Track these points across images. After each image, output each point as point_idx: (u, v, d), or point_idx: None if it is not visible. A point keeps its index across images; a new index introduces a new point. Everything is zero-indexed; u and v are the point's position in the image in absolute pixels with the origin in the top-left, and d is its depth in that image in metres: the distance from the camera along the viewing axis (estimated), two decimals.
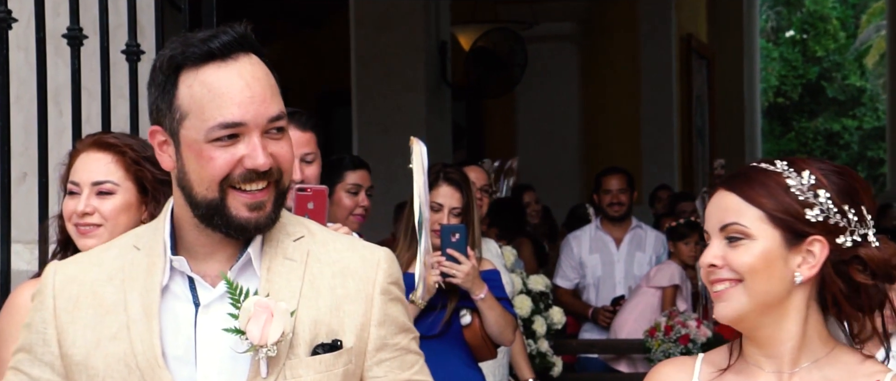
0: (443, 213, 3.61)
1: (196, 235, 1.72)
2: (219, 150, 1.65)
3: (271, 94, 1.69)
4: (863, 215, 1.65)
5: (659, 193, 7.59)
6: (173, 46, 1.69)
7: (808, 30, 22.70)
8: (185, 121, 1.66)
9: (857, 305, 1.64)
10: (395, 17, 8.12)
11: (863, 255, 1.62)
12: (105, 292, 1.73)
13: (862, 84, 22.69)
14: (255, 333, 1.65)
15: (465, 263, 3.48)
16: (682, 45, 11.35)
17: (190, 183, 1.68)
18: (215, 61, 1.65)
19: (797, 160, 1.68)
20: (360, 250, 1.80)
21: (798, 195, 1.63)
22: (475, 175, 4.37)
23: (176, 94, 1.66)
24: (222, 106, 1.64)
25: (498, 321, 3.58)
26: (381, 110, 8.05)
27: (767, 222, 1.63)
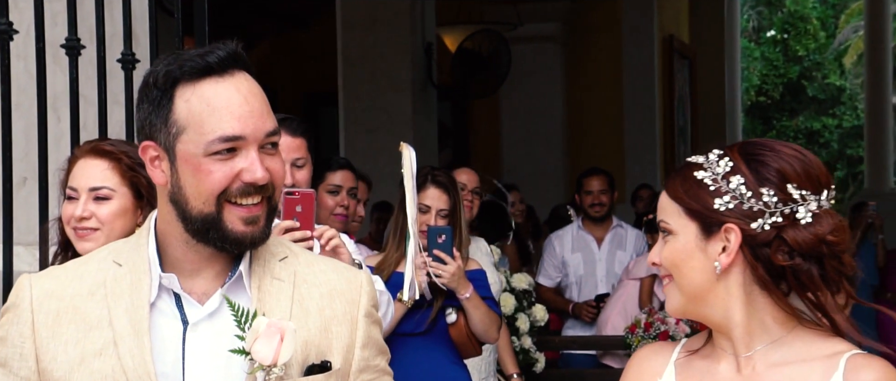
0: (430, 214, 3.71)
1: (184, 251, 1.71)
2: (217, 163, 1.65)
3: (267, 110, 1.70)
4: (787, 194, 1.60)
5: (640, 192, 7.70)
6: (167, 62, 1.67)
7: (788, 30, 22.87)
8: (182, 135, 1.65)
9: (797, 285, 1.61)
10: (381, 19, 8.20)
11: (785, 236, 1.59)
12: (88, 308, 1.70)
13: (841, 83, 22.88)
14: (267, 353, 1.64)
15: (451, 263, 3.58)
16: (664, 46, 11.44)
17: (185, 198, 1.67)
18: (213, 76, 1.65)
19: (740, 146, 1.66)
20: (344, 272, 1.82)
21: (710, 186, 1.62)
22: (467, 177, 4.46)
23: (172, 108, 1.65)
24: (222, 120, 1.64)
25: (483, 320, 3.69)
26: (367, 111, 8.13)
27: (685, 215, 1.64)
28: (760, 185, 1.60)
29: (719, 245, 1.61)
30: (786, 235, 1.59)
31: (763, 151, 1.63)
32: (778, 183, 1.60)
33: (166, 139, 1.66)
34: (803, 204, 1.60)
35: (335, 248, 2.89)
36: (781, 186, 1.60)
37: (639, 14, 10.91)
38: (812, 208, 1.61)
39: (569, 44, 10.84)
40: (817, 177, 1.62)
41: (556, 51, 10.79)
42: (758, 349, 1.63)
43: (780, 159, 1.62)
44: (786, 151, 1.63)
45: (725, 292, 1.62)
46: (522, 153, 10.61)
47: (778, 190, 1.60)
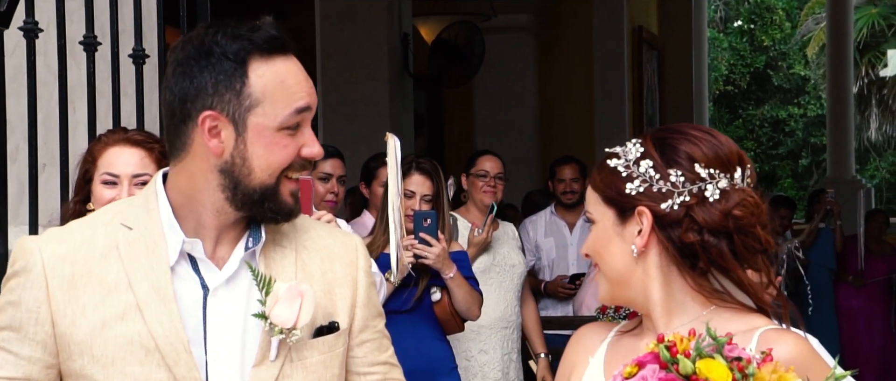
0: (415, 199, 3.96)
1: (211, 218, 1.72)
2: (287, 138, 1.69)
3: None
4: (695, 174, 1.62)
5: None
6: (231, 34, 1.69)
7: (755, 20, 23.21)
8: (256, 108, 1.67)
9: (709, 262, 1.63)
10: (358, 11, 8.39)
11: (693, 214, 1.61)
12: (103, 271, 1.70)
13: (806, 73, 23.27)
14: (288, 316, 1.68)
15: (436, 245, 3.84)
16: (633, 37, 11.66)
17: (249, 169, 1.69)
18: (282, 54, 1.70)
19: (653, 132, 1.70)
20: (339, 236, 1.87)
21: (622, 172, 1.65)
22: (491, 164, 4.72)
23: (246, 81, 1.67)
24: (296, 95, 1.69)
25: (465, 298, 3.95)
26: (345, 100, 8.32)
27: (602, 203, 1.68)
28: (668, 166, 1.62)
29: (635, 229, 1.63)
30: (694, 213, 1.61)
31: (673, 135, 1.66)
32: (686, 164, 1.62)
33: (236, 111, 1.67)
34: (711, 182, 1.62)
35: None
36: (689, 167, 1.62)
37: (609, 5, 11.12)
38: (721, 186, 1.62)
39: (541, 34, 11.02)
40: (727, 157, 1.63)
41: (529, 41, 10.98)
42: (676, 326, 1.62)
43: (687, 141, 1.64)
44: (694, 134, 1.65)
45: (644, 274, 1.64)
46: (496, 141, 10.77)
47: (686, 171, 1.62)
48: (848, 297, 8.53)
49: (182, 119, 1.70)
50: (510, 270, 4.61)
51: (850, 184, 12.44)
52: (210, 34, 1.69)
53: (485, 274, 4.57)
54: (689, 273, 1.63)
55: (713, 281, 1.64)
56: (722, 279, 1.64)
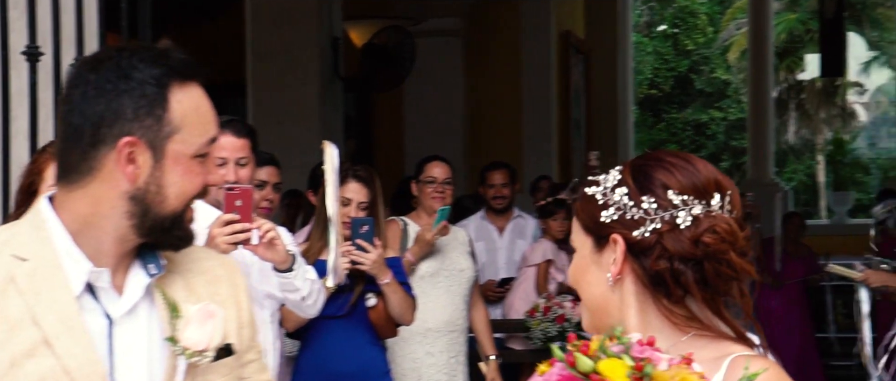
0: (351, 206, 4.03)
1: (112, 246, 1.68)
2: (200, 166, 1.70)
3: None
4: (667, 201, 1.60)
5: (540, 183, 8.09)
6: (146, 57, 1.67)
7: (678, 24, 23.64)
8: (175, 135, 1.66)
9: (680, 290, 1.61)
10: (289, 13, 8.41)
11: (664, 242, 1.59)
12: (4, 307, 1.64)
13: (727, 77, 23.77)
14: (200, 338, 1.68)
15: (372, 251, 3.92)
16: (560, 41, 11.80)
17: (163, 197, 1.67)
18: (195, 80, 1.69)
19: (632, 160, 1.69)
20: (217, 257, 1.87)
21: (599, 200, 1.64)
22: (439, 170, 4.81)
23: (168, 107, 1.65)
24: (209, 124, 1.70)
25: (400, 303, 4.04)
26: (276, 103, 8.33)
27: (581, 231, 1.67)
28: (642, 193, 1.61)
29: (611, 257, 1.62)
30: (664, 240, 1.59)
31: (649, 162, 1.65)
32: (659, 191, 1.61)
33: (156, 138, 1.65)
34: (684, 209, 1.60)
35: (271, 240, 3.20)
36: (663, 194, 1.61)
37: (536, 10, 11.25)
38: (695, 213, 1.60)
39: (469, 38, 11.10)
40: (703, 184, 1.61)
41: (458, 45, 11.05)
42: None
43: (662, 169, 1.63)
44: (671, 161, 1.64)
45: (620, 302, 1.62)
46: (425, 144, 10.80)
47: (659, 198, 1.61)
48: (766, 298, 8.76)
49: (93, 143, 1.65)
50: (459, 274, 4.72)
51: (769, 186, 12.76)
52: (126, 57, 1.67)
53: (433, 278, 4.68)
54: (663, 301, 1.61)
55: (693, 308, 1.62)
56: (701, 307, 1.61)
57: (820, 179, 22.76)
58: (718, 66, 23.73)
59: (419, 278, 4.64)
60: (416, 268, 4.63)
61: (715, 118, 23.55)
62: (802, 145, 23.10)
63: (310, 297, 3.39)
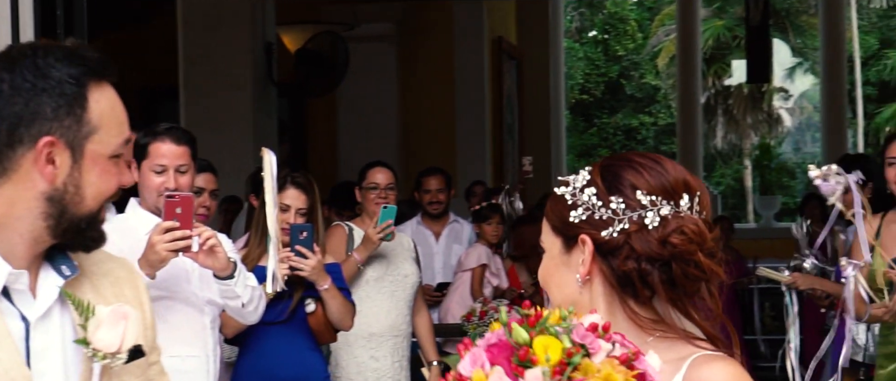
0: (290, 213, 4.05)
1: (27, 248, 1.66)
2: (115, 166, 1.68)
3: None
4: (635, 201, 1.59)
5: (475, 187, 8.15)
6: (61, 56, 1.64)
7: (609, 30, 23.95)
8: (94, 135, 1.64)
9: (647, 290, 1.60)
10: (222, 18, 8.37)
11: (632, 242, 1.59)
12: None
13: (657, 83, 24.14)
14: (112, 340, 1.65)
15: (311, 258, 3.94)
16: (493, 47, 11.89)
17: (81, 197, 1.65)
18: (109, 80, 1.68)
19: (602, 161, 1.68)
20: (117, 259, 1.83)
21: (568, 200, 1.63)
22: (382, 176, 4.82)
23: (87, 107, 1.63)
24: (123, 123, 1.68)
25: (339, 309, 4.07)
26: (209, 108, 8.27)
27: (551, 232, 1.66)
28: (610, 194, 1.60)
29: (579, 257, 1.61)
30: (632, 241, 1.58)
31: (618, 162, 1.65)
32: (628, 192, 1.60)
33: (75, 137, 1.63)
34: (653, 209, 1.59)
35: (212, 247, 3.21)
36: (631, 195, 1.59)
37: (469, 17, 11.33)
38: (663, 214, 1.59)
39: (403, 44, 11.16)
40: (672, 185, 1.60)
41: (392, 51, 11.09)
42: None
43: (631, 169, 1.62)
44: (640, 161, 1.64)
45: (590, 303, 1.61)
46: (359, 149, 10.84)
47: (627, 198, 1.59)
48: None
49: (9, 143, 1.62)
50: (403, 280, 4.76)
51: None
52: (41, 55, 1.63)
53: (378, 283, 4.71)
54: (630, 302, 1.60)
55: (660, 310, 1.61)
56: (669, 308, 1.61)
57: (747, 184, 23.21)
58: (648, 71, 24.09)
59: (364, 283, 4.68)
60: (364, 271, 4.65)
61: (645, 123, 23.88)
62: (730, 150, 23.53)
63: (250, 303, 3.41)
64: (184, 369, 3.31)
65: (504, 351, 1.31)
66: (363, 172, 4.93)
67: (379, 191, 4.76)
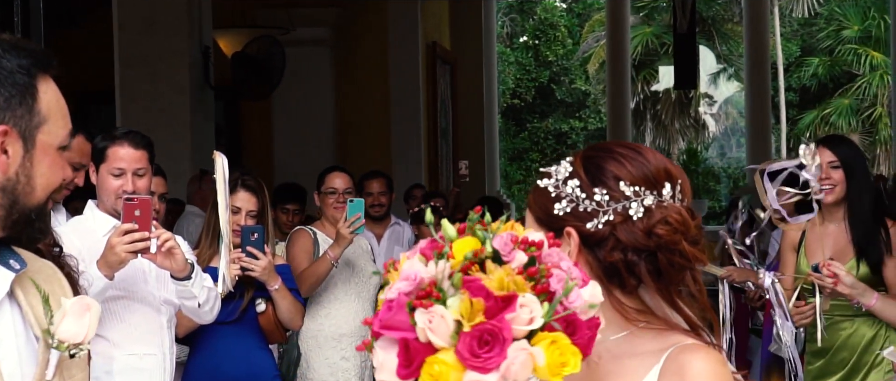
0: (241, 215, 4.14)
1: None
2: (62, 158, 1.68)
3: None
4: (619, 192, 1.61)
5: (414, 191, 8.28)
6: (8, 46, 1.64)
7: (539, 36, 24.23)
8: (43, 125, 1.64)
9: (634, 281, 1.61)
10: (158, 21, 8.37)
11: (617, 233, 1.60)
12: None
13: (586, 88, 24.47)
14: (77, 331, 1.66)
15: (262, 258, 4.04)
16: (427, 52, 12.02)
17: (31, 188, 1.64)
18: (51, 73, 1.68)
19: (583, 151, 1.69)
20: (40, 259, 1.81)
21: (551, 192, 1.63)
22: (340, 181, 4.91)
23: (37, 97, 1.63)
24: (67, 116, 1.69)
25: (289, 309, 4.17)
26: (145, 112, 8.25)
27: (535, 225, 1.65)
28: (594, 185, 1.61)
29: (565, 249, 1.60)
30: (617, 232, 1.59)
31: (599, 153, 1.66)
32: (611, 183, 1.61)
33: (27, 127, 1.63)
34: (636, 200, 1.60)
35: (170, 249, 3.29)
36: (614, 186, 1.61)
37: (404, 22, 11.43)
38: (647, 204, 1.61)
39: (339, 48, 11.22)
40: (654, 174, 1.62)
41: (327, 55, 11.14)
42: (608, 341, 1.60)
43: (613, 160, 1.63)
44: (621, 152, 1.65)
45: None
46: (295, 153, 10.90)
47: (611, 189, 1.61)
48: None
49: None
50: (368, 281, 4.89)
51: None
52: None
53: (345, 285, 4.84)
54: (616, 292, 1.61)
55: (646, 300, 1.63)
56: (654, 298, 1.63)
57: None
58: (578, 77, 24.41)
59: (333, 285, 4.81)
60: (336, 265, 4.74)
61: (575, 128, 24.19)
62: None
63: (207, 304, 3.49)
64: (141, 367, 3.39)
65: (434, 246, 1.35)
66: (321, 176, 5.04)
67: (337, 196, 4.86)
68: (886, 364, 3.95)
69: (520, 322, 1.30)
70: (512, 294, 1.30)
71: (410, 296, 1.32)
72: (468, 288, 1.30)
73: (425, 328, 1.30)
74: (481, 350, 1.29)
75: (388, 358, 1.32)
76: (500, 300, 1.30)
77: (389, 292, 1.34)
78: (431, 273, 1.32)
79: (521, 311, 1.30)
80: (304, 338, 4.76)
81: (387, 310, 1.33)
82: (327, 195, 4.91)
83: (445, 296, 1.31)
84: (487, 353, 1.29)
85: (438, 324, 1.30)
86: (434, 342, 1.30)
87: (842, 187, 3.96)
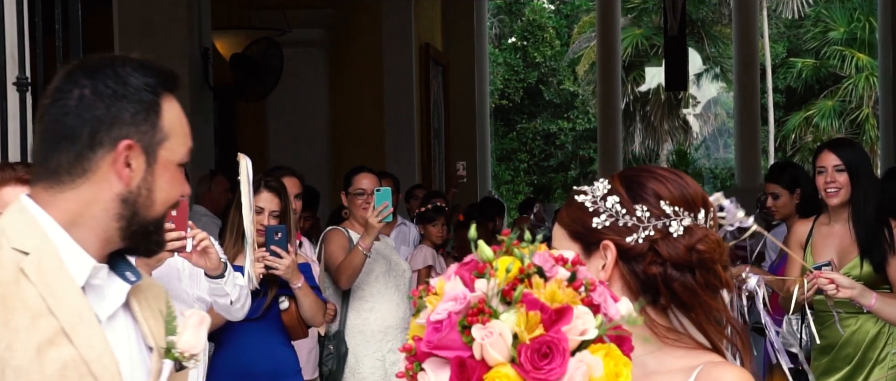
0: (264, 215, 4.24)
1: (98, 248, 1.71)
2: (180, 174, 1.76)
3: None
4: (660, 210, 1.66)
5: (415, 191, 8.38)
6: (138, 66, 1.72)
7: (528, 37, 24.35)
8: (166, 142, 1.71)
9: (671, 296, 1.66)
10: (158, 22, 8.44)
11: (658, 248, 1.64)
12: (25, 294, 1.66)
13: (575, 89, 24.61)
14: (195, 342, 1.73)
15: (286, 257, 4.15)
16: (420, 53, 12.09)
17: (152, 201, 1.72)
18: (175, 92, 1.76)
19: (621, 172, 1.74)
20: (149, 277, 1.89)
21: (588, 207, 1.68)
22: (368, 181, 5.05)
23: (161, 114, 1.71)
24: (188, 135, 1.77)
25: (311, 307, 4.28)
26: None
27: (569, 238, 1.70)
28: (634, 202, 1.66)
29: (599, 263, 1.66)
30: (658, 247, 1.64)
31: (640, 173, 1.71)
32: (652, 200, 1.66)
33: (150, 143, 1.71)
34: (676, 219, 1.65)
35: (205, 248, 3.40)
36: (655, 204, 1.66)
37: (397, 23, 11.50)
38: (685, 224, 1.66)
39: (332, 49, 11.29)
40: (692, 197, 1.68)
41: (321, 56, 11.18)
42: (639, 357, 1.58)
43: (654, 180, 1.69)
44: (661, 173, 1.70)
45: None
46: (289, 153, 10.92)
47: (651, 207, 1.66)
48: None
49: (90, 146, 1.69)
50: (403, 274, 5.05)
51: None
52: (119, 64, 1.72)
53: (386, 278, 5.00)
54: (647, 309, 1.64)
55: (673, 320, 1.68)
56: (682, 318, 1.67)
57: None
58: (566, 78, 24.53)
59: (374, 279, 4.95)
60: (372, 268, 4.86)
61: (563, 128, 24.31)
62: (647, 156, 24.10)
63: (238, 301, 3.60)
64: None
65: (470, 267, 1.38)
66: (349, 177, 5.13)
67: (365, 197, 4.95)
68: (890, 360, 4.09)
69: (574, 333, 1.34)
70: (566, 306, 1.34)
71: (460, 315, 1.34)
72: (525, 301, 1.33)
73: (483, 343, 1.33)
74: (542, 362, 1.33)
75: (440, 378, 1.35)
76: (555, 313, 1.34)
77: (435, 314, 1.35)
78: (481, 291, 1.35)
79: (577, 322, 1.34)
80: (352, 334, 4.89)
81: (435, 331, 1.35)
82: (356, 196, 5.02)
83: (497, 312, 1.34)
84: (548, 365, 1.33)
85: (496, 339, 1.33)
86: (492, 357, 1.33)
87: (847, 190, 4.10)
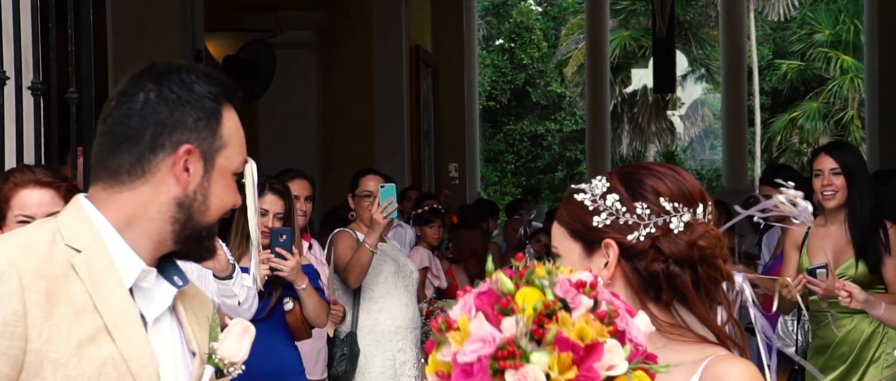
0: (268, 217, 4.30)
1: (150, 251, 1.74)
2: (234, 183, 1.80)
3: None
4: (660, 207, 1.66)
5: (408, 193, 8.42)
6: (202, 75, 1.78)
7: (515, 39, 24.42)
8: (223, 150, 1.76)
9: (673, 292, 1.66)
10: (151, 24, 8.47)
11: (659, 245, 1.65)
12: (72, 290, 1.67)
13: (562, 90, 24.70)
14: (237, 351, 1.76)
15: (290, 259, 4.20)
16: (410, 55, 12.13)
17: (207, 206, 1.75)
18: (236, 103, 1.82)
19: (618, 169, 1.73)
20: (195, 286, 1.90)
21: (588, 206, 1.68)
22: (375, 183, 5.06)
23: (221, 122, 1.76)
24: (244, 145, 1.83)
25: (315, 307, 4.34)
26: None
27: (569, 237, 1.71)
28: (634, 200, 1.67)
29: (601, 261, 1.67)
30: (659, 244, 1.65)
31: (638, 170, 1.72)
32: (651, 198, 1.67)
33: (209, 149, 1.75)
34: (676, 215, 1.66)
35: None
36: (655, 201, 1.67)
37: (387, 25, 11.54)
38: (685, 220, 1.67)
39: (323, 51, 11.31)
40: (690, 193, 1.69)
41: (312, 58, 11.22)
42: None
43: (653, 176, 1.69)
44: (659, 170, 1.71)
45: None
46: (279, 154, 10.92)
47: (651, 204, 1.67)
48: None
49: (151, 148, 1.73)
50: (410, 274, 5.11)
51: None
52: (185, 72, 1.78)
53: (394, 278, 5.05)
54: (650, 306, 1.66)
55: (675, 315, 1.68)
56: (683, 313, 1.68)
57: None
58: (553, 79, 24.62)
59: (383, 280, 5.00)
60: (381, 268, 4.93)
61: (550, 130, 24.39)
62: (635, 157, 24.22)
63: (246, 302, 3.65)
64: None
65: (490, 299, 1.36)
66: (355, 180, 5.18)
67: (372, 199, 4.99)
68: (885, 360, 4.17)
69: (603, 369, 1.33)
70: (596, 343, 1.33)
71: (490, 359, 1.32)
72: (557, 343, 1.31)
73: None
74: None
75: None
76: (585, 350, 1.32)
77: (462, 354, 1.33)
78: (509, 332, 1.33)
79: (607, 356, 1.34)
80: (363, 334, 4.94)
81: (465, 374, 1.33)
82: (362, 198, 5.07)
83: (527, 354, 1.32)
84: None
85: None
86: None
87: (843, 193, 4.18)
